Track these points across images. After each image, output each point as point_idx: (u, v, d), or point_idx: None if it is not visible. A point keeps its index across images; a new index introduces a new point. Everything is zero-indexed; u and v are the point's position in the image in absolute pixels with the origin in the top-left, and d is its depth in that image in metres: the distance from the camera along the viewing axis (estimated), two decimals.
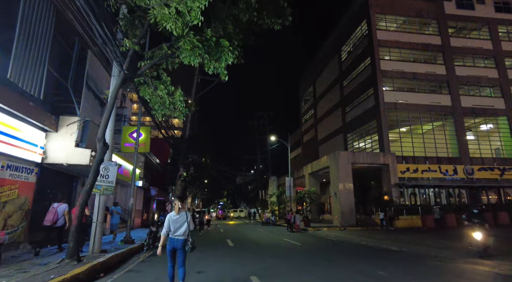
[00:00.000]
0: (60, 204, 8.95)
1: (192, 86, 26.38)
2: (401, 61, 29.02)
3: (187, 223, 5.11)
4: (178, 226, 5.07)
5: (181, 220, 5.10)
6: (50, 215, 8.59)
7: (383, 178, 26.28)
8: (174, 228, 5.06)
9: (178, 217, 5.10)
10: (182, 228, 5.07)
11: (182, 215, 5.14)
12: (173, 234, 5.06)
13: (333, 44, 38.59)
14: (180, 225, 5.07)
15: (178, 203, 5.24)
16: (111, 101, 7.36)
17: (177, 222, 5.08)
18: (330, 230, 21.96)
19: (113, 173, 8.60)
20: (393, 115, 27.65)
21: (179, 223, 5.08)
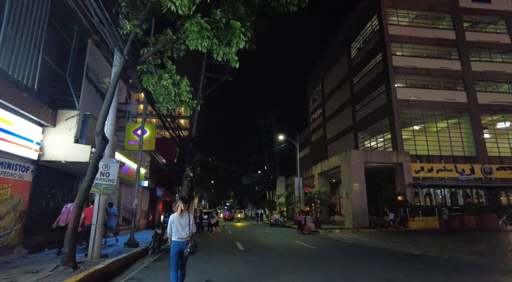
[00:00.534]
0: (74, 204, 8.51)
1: (198, 84, 25.70)
2: (413, 57, 28.03)
3: (189, 225, 5.06)
4: (181, 227, 5.02)
5: (184, 222, 5.04)
6: (64, 215, 8.70)
7: (396, 177, 25.31)
8: (177, 230, 5.00)
9: (181, 218, 5.06)
10: (185, 230, 5.02)
11: (185, 217, 5.09)
12: (175, 236, 5.00)
13: (342, 41, 37.68)
14: (183, 227, 5.02)
15: (181, 204, 5.15)
16: (111, 91, 6.67)
17: (180, 224, 5.02)
18: (342, 232, 21.08)
19: (115, 170, 7.91)
20: (406, 113, 26.65)
21: (182, 225, 5.02)
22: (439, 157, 25.69)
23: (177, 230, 5.00)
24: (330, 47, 42.29)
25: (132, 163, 17.71)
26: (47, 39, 7.88)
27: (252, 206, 75.36)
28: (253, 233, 20.52)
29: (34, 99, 7.74)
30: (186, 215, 5.12)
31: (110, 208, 12.46)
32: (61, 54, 8.99)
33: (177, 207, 5.18)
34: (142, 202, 21.32)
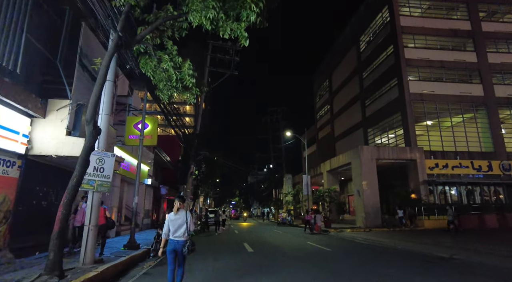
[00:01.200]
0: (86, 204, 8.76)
1: (202, 79, 24.83)
2: (427, 49, 26.86)
3: (187, 224, 4.91)
4: (177, 227, 4.88)
5: (181, 221, 4.91)
6: (80, 215, 8.89)
7: (409, 174, 24.26)
8: (173, 229, 4.88)
9: (177, 217, 4.93)
10: (182, 229, 4.88)
11: (182, 215, 4.96)
12: (172, 235, 4.87)
13: (350, 34, 36.52)
14: (179, 226, 4.88)
15: (178, 202, 5.06)
16: (103, 71, 5.81)
17: (176, 223, 4.89)
18: (354, 231, 20.13)
19: (110, 165, 7.07)
20: (419, 107, 25.52)
21: (178, 224, 4.89)
22: (454, 153, 24.56)
23: (173, 228, 4.87)
24: (337, 42, 41.12)
25: (134, 159, 16.88)
26: (36, 21, 7.06)
27: (257, 205, 74.55)
28: (261, 233, 19.65)
29: (20, 87, 6.91)
30: (183, 213, 4.99)
31: None
32: (52, 38, 8.15)
33: (174, 205, 5.07)
34: (145, 200, 20.57)
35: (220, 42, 24.88)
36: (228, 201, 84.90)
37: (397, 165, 24.92)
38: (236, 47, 24.69)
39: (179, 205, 5.03)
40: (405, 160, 23.69)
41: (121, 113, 12.51)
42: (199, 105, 24.90)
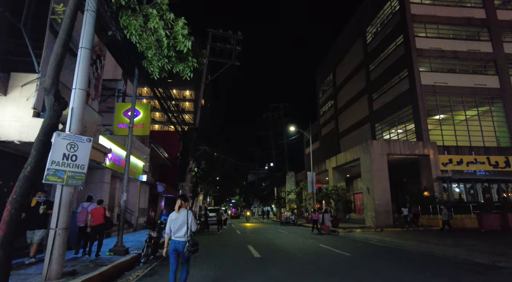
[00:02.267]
0: (89, 204, 9.09)
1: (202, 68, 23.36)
2: (439, 38, 25.40)
3: (187, 224, 4.75)
4: (178, 226, 4.74)
5: (181, 220, 4.76)
6: (82, 215, 8.83)
7: (422, 171, 22.85)
8: (174, 229, 4.75)
9: (178, 216, 4.79)
10: (183, 229, 4.73)
11: (183, 215, 4.81)
12: (174, 235, 4.75)
13: (356, 26, 35.03)
14: (180, 226, 4.74)
15: (179, 201, 4.91)
16: (67, 23, 4.36)
17: (177, 222, 4.75)
18: (364, 231, 18.73)
19: (85, 153, 5.62)
20: (431, 100, 24.08)
21: (179, 223, 4.75)
22: (469, 148, 23.13)
23: (174, 229, 4.74)
24: (342, 35, 39.62)
25: None
26: None
27: (258, 203, 73.14)
28: (265, 234, 18.21)
29: None
30: (184, 213, 4.81)
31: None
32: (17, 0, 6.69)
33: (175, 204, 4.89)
34: (140, 198, 19.13)
35: (220, 31, 23.47)
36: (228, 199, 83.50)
37: (408, 160, 23.51)
38: (238, 36, 23.28)
39: (180, 204, 4.85)
40: (417, 155, 22.26)
41: (110, 100, 11.05)
42: (198, 97, 23.45)
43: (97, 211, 8.71)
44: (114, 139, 13.09)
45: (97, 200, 9.41)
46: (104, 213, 8.75)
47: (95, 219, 8.58)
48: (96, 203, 9.17)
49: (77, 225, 8.78)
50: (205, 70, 23.64)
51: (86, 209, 8.93)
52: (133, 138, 17.75)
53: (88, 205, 9.10)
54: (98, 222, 8.59)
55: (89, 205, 9.11)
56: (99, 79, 9.71)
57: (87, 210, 8.89)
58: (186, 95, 68.52)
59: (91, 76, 8.95)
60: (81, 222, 8.82)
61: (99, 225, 8.62)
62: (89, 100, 8.97)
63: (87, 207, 9.03)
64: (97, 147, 8.11)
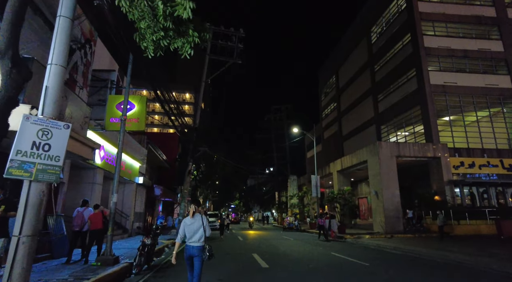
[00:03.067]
0: (85, 208, 8.83)
1: (203, 66, 22.41)
2: (447, 37, 24.56)
3: (203, 228, 4.64)
4: (194, 231, 4.60)
5: (197, 225, 4.64)
6: (77, 219, 8.56)
7: (432, 174, 21.84)
8: (190, 234, 4.60)
9: (193, 221, 4.67)
10: (198, 234, 4.60)
11: (198, 220, 4.69)
12: (188, 240, 4.59)
13: (360, 26, 34.23)
14: (195, 231, 4.61)
15: (193, 206, 4.77)
16: None
17: (193, 228, 4.62)
18: (374, 238, 17.66)
19: (62, 142, 4.58)
20: (441, 100, 23.13)
21: (195, 229, 4.61)
22: (481, 150, 22.14)
23: (189, 234, 4.60)
24: (345, 35, 38.83)
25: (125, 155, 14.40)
26: None
27: (258, 208, 71.88)
28: (269, 240, 17.09)
29: None
30: (199, 217, 4.72)
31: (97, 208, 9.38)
32: None
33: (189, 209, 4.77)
34: (136, 202, 18.03)
35: (222, 28, 22.59)
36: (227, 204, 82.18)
37: (417, 163, 22.49)
38: (240, 33, 22.41)
39: (195, 209, 4.76)
40: (427, 157, 21.26)
41: (103, 92, 10.02)
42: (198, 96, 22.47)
43: (95, 216, 8.56)
44: (107, 137, 12.07)
45: (94, 205, 9.19)
46: (103, 217, 8.64)
47: (94, 224, 8.43)
48: (92, 207, 9.00)
49: (72, 229, 8.57)
50: (205, 67, 22.74)
51: (81, 214, 8.66)
52: (129, 138, 16.71)
53: (84, 210, 8.78)
54: (96, 227, 8.42)
55: (85, 210, 8.79)
56: (88, 66, 8.70)
57: (82, 215, 8.64)
58: (186, 98, 67.63)
59: (79, 62, 7.95)
60: (76, 226, 8.51)
61: (97, 231, 8.41)
62: (76, 88, 7.95)
63: (82, 211, 8.74)
64: (84, 141, 7.08)
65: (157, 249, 10.77)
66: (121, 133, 8.44)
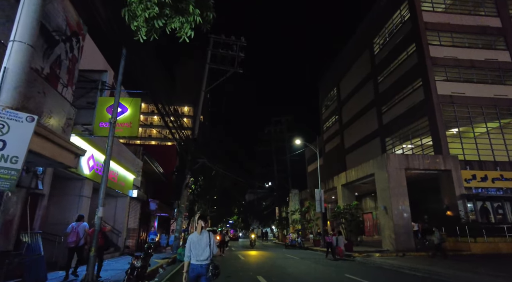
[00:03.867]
0: (79, 223, 8.65)
1: (203, 75, 21.63)
2: (453, 47, 24.00)
3: (210, 246, 4.47)
4: (201, 249, 4.43)
5: (204, 242, 4.46)
6: (72, 236, 8.38)
7: (442, 188, 20.78)
8: (197, 252, 4.42)
9: (200, 238, 4.50)
10: (206, 251, 4.43)
11: (205, 236, 4.51)
12: (195, 259, 4.40)
13: (362, 38, 33.85)
14: (203, 248, 4.43)
15: (201, 222, 4.65)
16: None
17: (200, 245, 4.45)
18: (384, 256, 16.41)
19: (21, 138, 3.56)
20: (449, 111, 22.32)
21: (202, 246, 4.44)
22: (493, 163, 21.16)
23: (196, 251, 4.41)
24: (346, 48, 38.48)
25: (117, 165, 13.33)
26: None
27: (257, 224, 69.99)
28: (273, 260, 15.78)
29: None
30: (206, 234, 4.54)
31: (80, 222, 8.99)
32: None
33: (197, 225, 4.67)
34: (129, 217, 16.77)
35: (223, 37, 21.97)
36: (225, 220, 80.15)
37: (426, 177, 21.44)
38: (241, 42, 21.77)
39: (203, 225, 4.62)
40: (437, 170, 20.23)
41: (92, 95, 9.05)
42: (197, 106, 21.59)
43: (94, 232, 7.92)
44: (97, 145, 11.03)
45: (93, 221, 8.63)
46: (103, 233, 8.29)
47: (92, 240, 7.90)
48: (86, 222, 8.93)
49: (68, 245, 8.37)
50: (205, 76, 21.95)
51: (76, 229, 8.47)
52: (123, 148, 15.64)
53: (78, 225, 8.59)
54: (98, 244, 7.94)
55: (79, 225, 8.61)
56: (74, 62, 7.75)
57: (77, 230, 8.46)
58: (185, 111, 67.00)
59: (63, 56, 7.01)
60: (71, 243, 8.32)
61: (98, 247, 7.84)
62: (59, 86, 6.97)
63: (77, 226, 8.54)
64: (66, 145, 6.04)
65: (150, 271, 9.55)
66: (110, 138, 7.41)
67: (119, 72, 7.77)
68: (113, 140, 7.56)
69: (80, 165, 10.06)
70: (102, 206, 6.94)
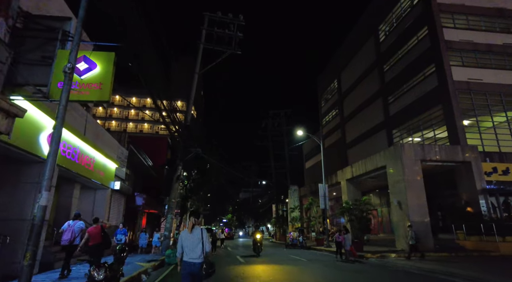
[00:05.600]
0: (76, 221, 8.49)
1: (197, 56, 19.42)
2: (469, 30, 22.19)
3: (202, 243, 4.25)
4: (193, 246, 4.22)
5: (196, 239, 4.26)
6: (67, 233, 8.20)
7: (460, 182, 18.93)
8: (188, 249, 4.21)
9: (192, 235, 4.29)
10: (197, 249, 4.22)
11: (197, 233, 4.31)
12: (187, 256, 4.20)
13: (366, 25, 31.93)
14: (195, 246, 4.22)
15: (193, 219, 4.46)
16: None
17: (191, 242, 4.24)
18: (400, 257, 14.51)
19: None
20: (465, 98, 20.50)
21: (194, 243, 4.23)
22: None
23: (188, 249, 4.21)
24: (348, 37, 36.52)
25: (87, 146, 10.97)
26: None
27: (252, 222, 67.94)
28: (278, 262, 13.67)
29: None
30: (198, 231, 4.34)
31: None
32: None
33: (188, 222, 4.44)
34: (110, 213, 14.52)
35: (219, 15, 19.77)
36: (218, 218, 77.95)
37: (440, 170, 19.61)
38: (239, 21, 19.60)
39: (194, 222, 4.40)
40: (455, 162, 18.36)
41: (50, 48, 6.81)
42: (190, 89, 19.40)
43: (94, 230, 8.01)
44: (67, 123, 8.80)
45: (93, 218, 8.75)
46: (101, 231, 8.00)
47: (92, 239, 7.89)
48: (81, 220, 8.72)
49: (61, 243, 8.27)
50: (199, 57, 19.75)
51: (72, 228, 8.28)
52: (101, 131, 13.32)
53: (75, 223, 8.43)
54: (95, 242, 7.87)
55: (75, 223, 8.45)
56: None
57: (73, 229, 8.27)
58: (178, 105, 64.43)
59: None
60: (65, 241, 8.16)
61: (95, 246, 7.83)
62: None
63: (73, 225, 8.38)
64: None
65: (127, 279, 7.39)
66: (64, 94, 5.23)
67: (81, 5, 5.58)
68: (68, 97, 5.36)
69: (39, 143, 7.85)
70: (47, 191, 4.74)
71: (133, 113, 68.12)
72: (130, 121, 66.46)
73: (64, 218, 11.07)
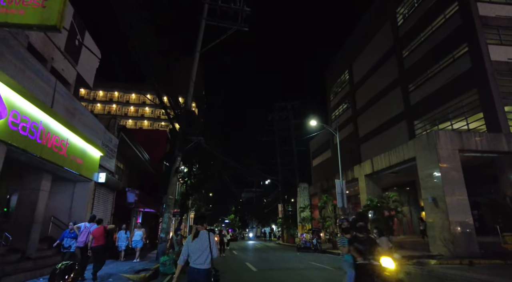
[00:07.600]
0: (92, 224, 8.44)
1: (198, 32, 16.97)
2: (507, 4, 19.70)
3: (210, 248, 3.92)
4: (200, 251, 3.90)
5: (203, 244, 3.94)
6: (83, 235, 8.19)
7: (502, 175, 16.41)
8: (195, 255, 3.89)
9: (198, 239, 4.00)
10: (204, 255, 3.88)
11: (204, 237, 4.00)
12: (193, 262, 3.87)
13: (380, 10, 29.46)
14: (201, 251, 3.90)
15: (195, 227, 4.21)
16: None
17: (197, 247, 3.93)
18: (444, 264, 12.02)
19: None
20: (505, 81, 17.98)
21: (200, 248, 3.91)
22: None
23: (194, 254, 3.89)
24: (360, 24, 34.00)
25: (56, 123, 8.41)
26: None
27: (256, 223, 65.37)
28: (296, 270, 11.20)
29: None
30: (205, 236, 4.02)
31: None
32: None
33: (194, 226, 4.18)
34: (96, 210, 12.01)
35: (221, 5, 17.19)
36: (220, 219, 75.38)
37: (479, 162, 17.10)
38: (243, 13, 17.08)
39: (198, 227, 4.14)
40: (498, 152, 15.83)
41: None
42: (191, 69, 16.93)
43: (98, 231, 8.13)
44: (16, 82, 6.35)
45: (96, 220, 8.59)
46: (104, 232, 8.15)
47: (96, 239, 8.00)
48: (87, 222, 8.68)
49: (77, 245, 8.17)
50: (201, 33, 17.27)
51: (88, 229, 8.22)
52: (79, 107, 10.77)
53: (91, 225, 8.38)
54: (98, 243, 8.01)
55: (92, 225, 8.37)
56: None
57: (89, 231, 8.18)
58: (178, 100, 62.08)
59: None
60: (81, 243, 8.10)
61: (98, 247, 7.97)
62: None
63: (90, 227, 8.32)
64: None
65: None
66: None
67: None
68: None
69: None
70: None
71: (132, 110, 65.91)
72: (130, 119, 64.32)
73: (29, 217, 8.62)
